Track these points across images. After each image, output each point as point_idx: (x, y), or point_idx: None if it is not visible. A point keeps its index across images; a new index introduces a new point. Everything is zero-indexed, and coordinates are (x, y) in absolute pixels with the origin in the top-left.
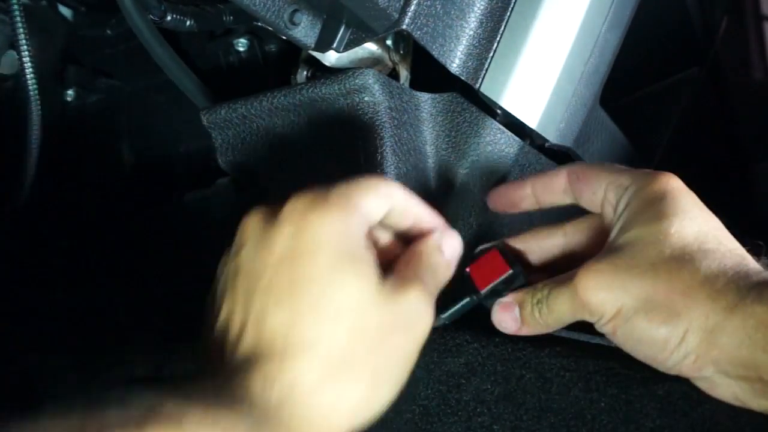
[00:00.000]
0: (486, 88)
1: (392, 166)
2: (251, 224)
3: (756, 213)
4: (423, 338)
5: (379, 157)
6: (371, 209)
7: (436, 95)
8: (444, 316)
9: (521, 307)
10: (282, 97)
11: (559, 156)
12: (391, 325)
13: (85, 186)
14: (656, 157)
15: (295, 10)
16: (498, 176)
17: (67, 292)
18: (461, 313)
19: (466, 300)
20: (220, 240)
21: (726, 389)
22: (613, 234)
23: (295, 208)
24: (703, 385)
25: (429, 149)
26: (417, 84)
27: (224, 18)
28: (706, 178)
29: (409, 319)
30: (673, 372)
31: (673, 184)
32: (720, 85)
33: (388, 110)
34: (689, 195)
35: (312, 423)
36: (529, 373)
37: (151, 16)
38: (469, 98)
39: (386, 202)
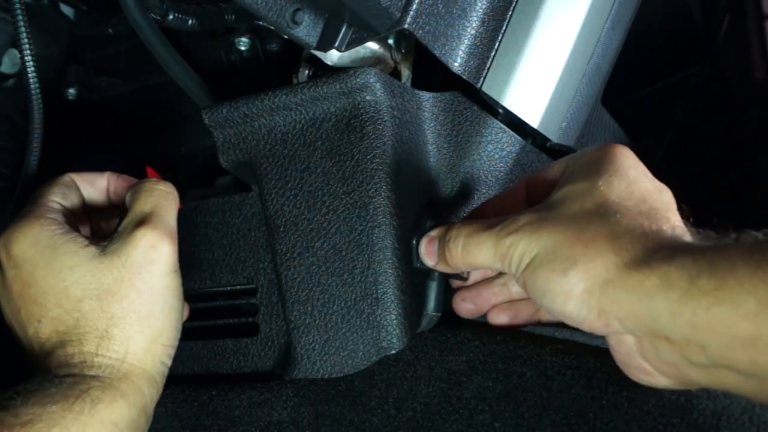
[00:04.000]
0: (488, 87)
1: (393, 165)
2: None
3: (757, 212)
4: (166, 266)
5: (380, 156)
6: (50, 204)
7: (438, 94)
8: (428, 311)
9: (440, 241)
10: (283, 96)
11: (560, 155)
12: (128, 274)
13: None
14: (658, 156)
15: (297, 9)
16: (500, 175)
17: None
18: (440, 297)
19: (431, 283)
20: (221, 239)
21: (641, 353)
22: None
23: (3, 239)
24: (623, 352)
25: (430, 148)
26: (418, 83)
27: (226, 17)
28: (708, 176)
29: (141, 260)
30: (585, 328)
31: (617, 148)
32: (721, 84)
33: (389, 109)
34: (629, 158)
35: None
36: (531, 371)
37: (153, 15)
38: (470, 97)
39: (63, 191)
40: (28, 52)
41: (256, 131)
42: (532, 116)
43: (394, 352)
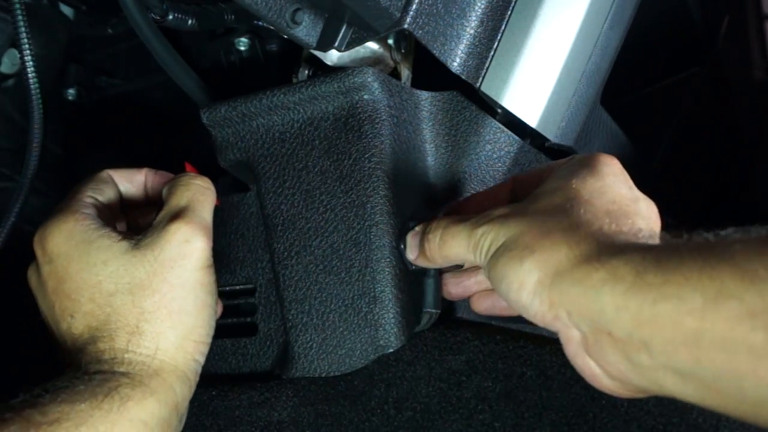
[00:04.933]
0: (486, 87)
1: (391, 164)
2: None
3: (757, 212)
4: (200, 260)
5: (378, 155)
6: (86, 199)
7: (437, 94)
8: (426, 309)
9: (421, 235)
10: (281, 95)
11: (559, 155)
12: (160, 268)
13: None
14: (657, 157)
15: (297, 9)
16: (498, 175)
17: None
18: (438, 295)
19: (428, 280)
20: (219, 239)
21: (587, 351)
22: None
23: (38, 235)
24: (571, 349)
25: (429, 147)
26: (417, 82)
27: (226, 17)
28: (708, 177)
29: (174, 254)
30: (538, 321)
31: (603, 156)
32: (721, 84)
33: (387, 108)
34: (613, 165)
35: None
36: (530, 371)
37: (153, 15)
38: (469, 97)
39: (99, 187)
40: (28, 52)
41: (254, 131)
42: (531, 116)
43: (391, 350)
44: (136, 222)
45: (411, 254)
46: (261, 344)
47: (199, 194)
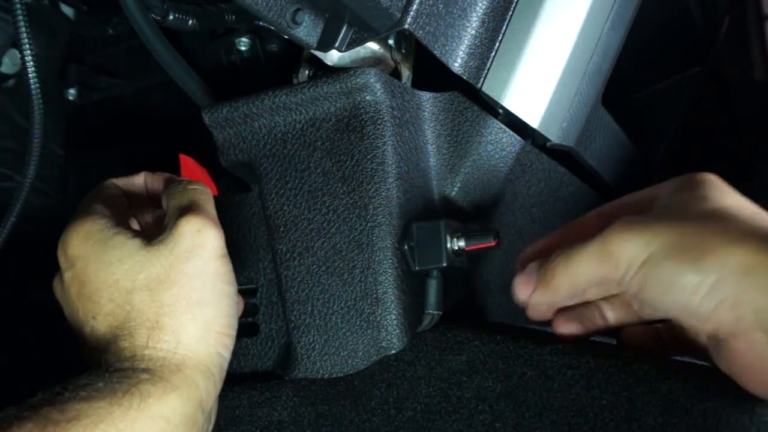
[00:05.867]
0: (488, 88)
1: (393, 165)
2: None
3: None
4: (214, 250)
5: (380, 156)
6: (98, 205)
7: (438, 94)
8: (428, 310)
9: (540, 266)
10: (283, 96)
11: (560, 155)
12: (176, 260)
13: (87, 184)
14: (658, 157)
15: (298, 10)
16: (500, 175)
17: None
18: (440, 296)
19: (430, 282)
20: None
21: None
22: None
23: (60, 243)
24: (751, 355)
25: (430, 148)
26: (419, 83)
27: (226, 17)
28: None
29: (188, 245)
30: (708, 326)
31: (708, 174)
32: (722, 84)
33: (389, 109)
34: (724, 183)
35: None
36: (531, 371)
37: (153, 15)
38: (470, 97)
39: (106, 193)
40: (28, 52)
41: (256, 131)
42: (532, 116)
43: (394, 351)
44: (145, 223)
45: (523, 292)
46: (262, 345)
47: (197, 194)
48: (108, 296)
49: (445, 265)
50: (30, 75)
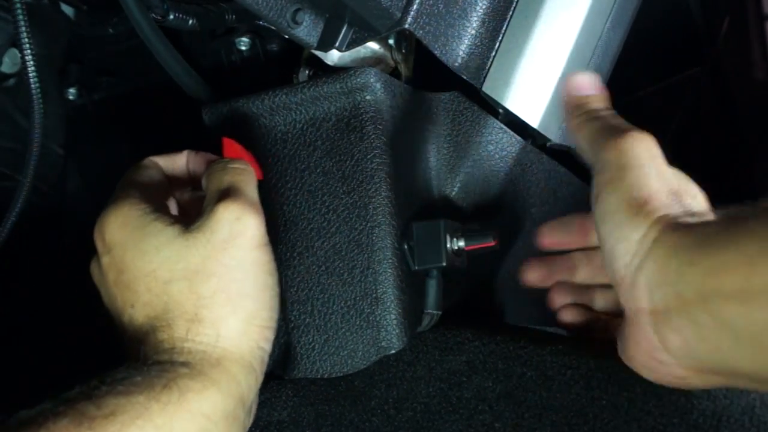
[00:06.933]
0: (488, 88)
1: (393, 165)
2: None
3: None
4: (254, 238)
5: (380, 156)
6: (137, 185)
7: (438, 94)
8: (428, 310)
9: None
10: (283, 96)
11: (560, 155)
12: (214, 250)
13: (87, 184)
14: None
15: (298, 9)
16: (500, 175)
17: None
18: (440, 296)
19: (430, 281)
20: None
21: (656, 324)
22: None
23: (97, 227)
24: (637, 327)
25: (430, 148)
26: (418, 83)
27: (226, 17)
28: (708, 178)
29: (226, 234)
30: (617, 281)
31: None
32: (721, 85)
33: (389, 109)
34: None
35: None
36: (531, 371)
37: (154, 15)
38: (470, 97)
39: (146, 173)
40: (29, 51)
41: (256, 131)
42: (533, 116)
43: (393, 351)
44: (185, 205)
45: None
46: None
47: (238, 175)
48: (145, 286)
49: (444, 264)
50: (30, 75)
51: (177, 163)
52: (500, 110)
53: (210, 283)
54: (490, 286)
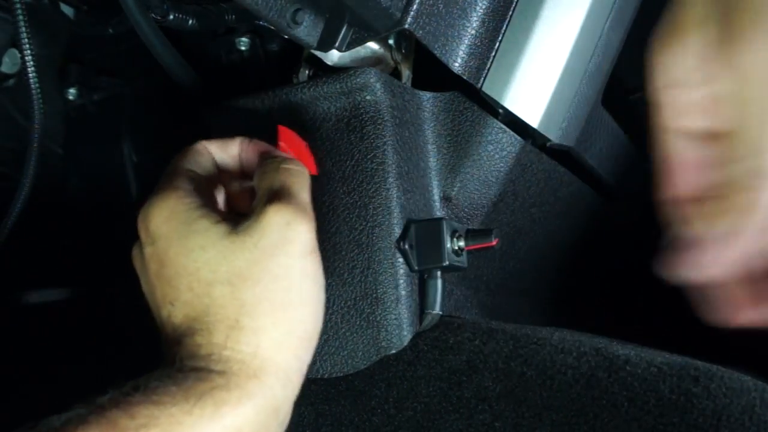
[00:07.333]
0: (488, 88)
1: (393, 165)
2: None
3: None
4: (303, 246)
5: (380, 156)
6: (186, 173)
7: (438, 94)
8: (428, 310)
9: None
10: (284, 96)
11: (560, 155)
12: (261, 256)
13: (87, 184)
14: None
15: (298, 9)
16: (500, 175)
17: (71, 290)
18: (440, 296)
19: (431, 282)
20: None
21: None
22: None
23: (142, 214)
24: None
25: (430, 148)
26: (418, 83)
27: (226, 17)
28: None
29: (275, 239)
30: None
31: None
32: None
33: (389, 109)
34: None
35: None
36: (531, 371)
37: (154, 15)
38: (470, 97)
39: (196, 159)
40: (29, 51)
41: (257, 131)
42: (533, 116)
43: (394, 351)
44: (234, 194)
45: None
46: None
47: (292, 176)
48: (187, 284)
49: (445, 264)
50: (30, 75)
51: (229, 150)
52: (500, 110)
53: (255, 290)
54: (490, 286)
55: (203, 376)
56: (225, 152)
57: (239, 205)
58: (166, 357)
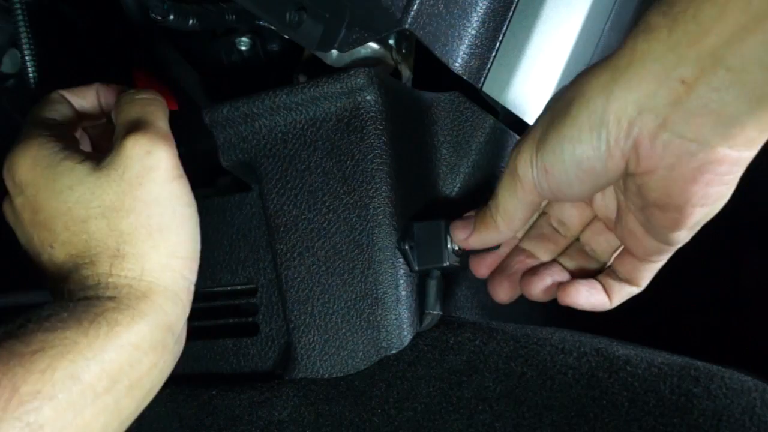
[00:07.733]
0: (488, 88)
1: (393, 165)
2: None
3: (757, 211)
4: (167, 172)
5: (380, 156)
6: (45, 121)
7: (438, 94)
8: (428, 310)
9: (478, 213)
10: (284, 96)
11: None
12: (128, 187)
13: None
14: None
15: (298, 9)
16: (500, 176)
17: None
18: (440, 296)
19: (431, 282)
20: (221, 238)
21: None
22: None
23: (5, 166)
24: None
25: (430, 148)
26: (418, 83)
27: (227, 17)
28: None
29: (138, 169)
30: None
31: None
32: None
33: (389, 109)
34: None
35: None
36: (531, 371)
37: (153, 15)
38: (470, 97)
39: (54, 107)
40: (29, 52)
41: (257, 131)
42: (533, 116)
43: (394, 351)
44: (99, 139)
45: (463, 233)
46: (262, 344)
47: (147, 105)
48: (63, 224)
49: (445, 264)
50: (30, 75)
51: (87, 96)
52: (500, 110)
53: (129, 220)
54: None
55: (94, 302)
56: (84, 98)
57: (105, 146)
58: (54, 295)
